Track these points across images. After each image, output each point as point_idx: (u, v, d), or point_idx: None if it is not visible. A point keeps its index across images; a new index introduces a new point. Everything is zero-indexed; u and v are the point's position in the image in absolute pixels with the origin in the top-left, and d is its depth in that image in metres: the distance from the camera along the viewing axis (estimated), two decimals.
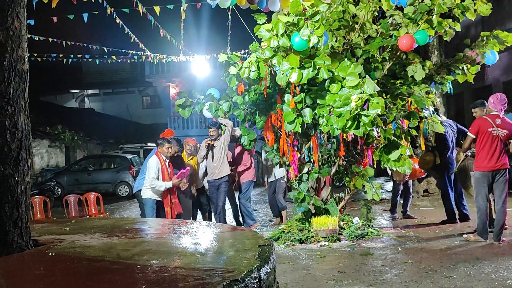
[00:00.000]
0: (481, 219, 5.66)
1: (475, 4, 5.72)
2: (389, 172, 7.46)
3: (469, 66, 6.57)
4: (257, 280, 2.16)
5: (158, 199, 6.09)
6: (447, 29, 5.90)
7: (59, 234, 3.36)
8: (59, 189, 15.48)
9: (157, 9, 8.69)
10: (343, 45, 6.24)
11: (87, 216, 8.04)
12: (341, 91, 5.33)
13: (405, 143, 6.32)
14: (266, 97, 6.39)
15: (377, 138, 6.22)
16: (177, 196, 6.25)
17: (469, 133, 5.73)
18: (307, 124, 6.02)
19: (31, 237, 2.92)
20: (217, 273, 2.18)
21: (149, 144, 18.45)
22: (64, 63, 12.58)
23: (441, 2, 5.52)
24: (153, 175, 5.94)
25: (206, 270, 2.26)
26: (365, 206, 6.88)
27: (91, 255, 2.64)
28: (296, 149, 6.60)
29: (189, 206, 7.01)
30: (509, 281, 4.17)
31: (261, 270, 2.25)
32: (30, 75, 2.93)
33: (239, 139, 7.35)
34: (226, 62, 6.16)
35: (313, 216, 6.39)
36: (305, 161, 6.71)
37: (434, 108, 6.98)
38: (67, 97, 30.20)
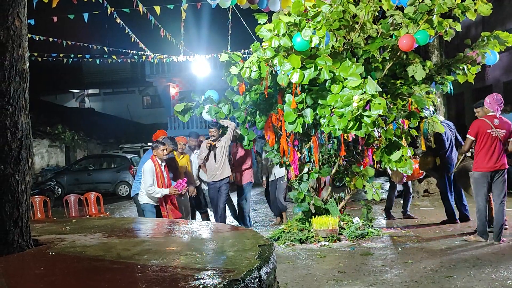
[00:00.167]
0: (480, 219, 5.67)
1: (475, 4, 5.72)
2: (389, 172, 7.45)
3: (469, 66, 6.57)
4: (257, 280, 2.16)
5: (155, 204, 5.95)
6: (447, 29, 5.90)
7: (59, 233, 3.37)
8: (59, 189, 15.48)
9: (158, 9, 8.69)
10: (343, 45, 6.24)
11: (87, 216, 8.04)
12: (342, 91, 5.33)
13: (404, 143, 6.32)
14: (267, 97, 6.39)
15: (378, 138, 6.22)
16: (176, 198, 6.11)
17: (468, 136, 5.72)
18: (308, 124, 6.02)
19: (32, 237, 2.93)
20: (217, 272, 2.18)
21: (149, 144, 18.44)
22: (64, 63, 12.59)
23: (441, 2, 5.52)
24: (150, 182, 5.78)
25: (206, 270, 2.26)
26: (365, 206, 6.88)
27: (91, 254, 2.64)
28: (296, 149, 6.60)
29: (188, 207, 6.96)
30: (509, 281, 4.17)
31: (262, 270, 2.25)
32: (30, 75, 2.93)
33: (238, 139, 7.34)
34: (227, 62, 6.15)
35: (313, 216, 6.39)
36: (306, 161, 6.71)
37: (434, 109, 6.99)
38: (67, 97, 30.21)
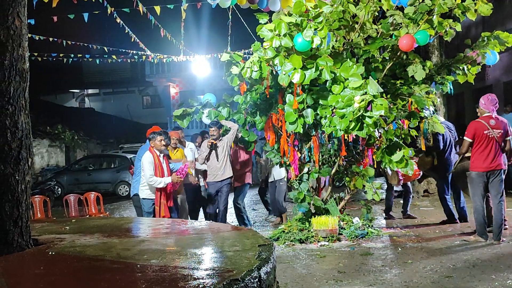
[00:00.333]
0: (478, 219, 5.68)
1: (475, 4, 5.72)
2: (389, 172, 7.44)
3: (469, 66, 6.57)
4: (257, 279, 2.16)
5: (149, 199, 5.81)
6: (447, 29, 5.90)
7: (59, 233, 3.37)
8: (59, 189, 15.47)
9: (158, 8, 8.69)
10: (343, 45, 6.24)
11: (87, 215, 8.04)
12: (343, 92, 5.33)
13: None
14: (268, 97, 6.38)
15: (378, 139, 6.22)
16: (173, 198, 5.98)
17: (465, 138, 5.73)
18: (308, 124, 6.02)
19: (31, 236, 2.93)
20: (217, 272, 2.18)
21: None
22: (64, 62, 12.58)
23: (441, 2, 5.52)
24: (150, 173, 5.65)
25: (206, 269, 2.26)
26: (365, 206, 6.88)
27: (91, 254, 2.64)
28: (296, 149, 6.60)
29: (186, 206, 6.86)
30: (509, 281, 4.17)
31: (261, 269, 2.25)
32: (30, 75, 2.93)
33: (240, 141, 7.33)
34: (227, 61, 6.15)
35: (313, 216, 6.39)
36: (305, 161, 6.71)
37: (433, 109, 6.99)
38: (67, 96, 30.19)
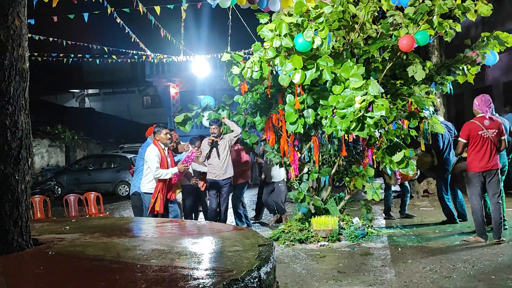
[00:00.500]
0: (477, 220, 5.70)
1: (475, 5, 5.72)
2: (389, 172, 7.44)
3: (469, 66, 6.57)
4: (257, 279, 2.17)
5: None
6: (447, 30, 5.90)
7: (59, 233, 3.37)
8: (59, 189, 15.48)
9: (158, 9, 8.69)
10: (343, 45, 6.24)
11: (87, 215, 8.04)
12: (344, 92, 5.33)
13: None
14: (269, 96, 6.38)
15: (378, 139, 6.23)
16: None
17: (460, 139, 5.78)
18: (308, 124, 6.02)
19: (31, 236, 2.93)
20: (217, 272, 2.18)
21: None
22: (64, 62, 12.57)
23: (441, 2, 5.53)
24: (156, 165, 5.53)
25: (206, 269, 2.26)
26: (365, 206, 6.88)
27: (91, 254, 2.64)
28: (296, 149, 6.60)
29: (178, 207, 6.77)
30: (509, 281, 4.17)
31: (261, 269, 2.26)
32: (30, 75, 2.93)
33: (241, 143, 7.31)
34: (228, 61, 6.15)
35: (313, 216, 6.39)
36: (305, 161, 6.71)
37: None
38: (67, 96, 30.19)
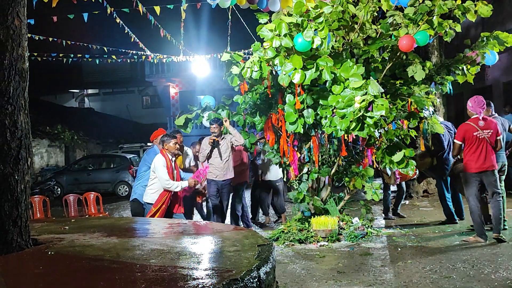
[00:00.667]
0: (476, 220, 5.72)
1: (475, 5, 5.72)
2: (389, 172, 7.44)
3: (469, 66, 6.57)
4: (256, 279, 2.17)
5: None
6: (447, 30, 5.90)
7: (58, 233, 3.36)
8: (59, 189, 15.48)
9: (157, 9, 8.69)
10: (342, 45, 6.24)
11: (87, 215, 8.03)
12: (343, 92, 5.33)
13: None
14: (270, 96, 6.37)
15: (378, 139, 6.22)
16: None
17: (455, 140, 5.85)
18: (308, 124, 6.02)
19: (31, 236, 2.92)
20: (217, 272, 2.18)
21: (149, 144, 18.42)
22: (64, 62, 12.57)
23: (441, 3, 5.53)
24: (166, 176, 5.40)
25: (205, 269, 2.26)
26: (364, 206, 6.88)
27: (90, 254, 2.64)
28: (296, 149, 6.60)
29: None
30: (509, 281, 4.17)
31: (261, 269, 2.25)
32: (30, 75, 2.93)
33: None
34: (228, 61, 6.14)
35: (312, 216, 6.40)
36: (305, 161, 6.71)
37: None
38: (67, 96, 30.20)
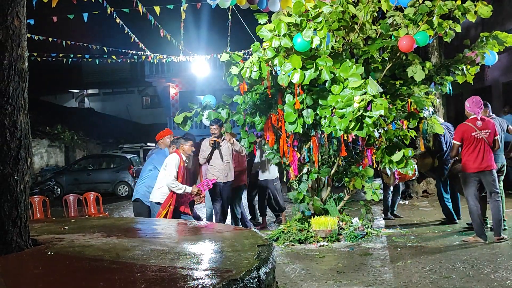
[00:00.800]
0: (475, 220, 5.73)
1: (475, 6, 5.73)
2: (388, 172, 7.44)
3: (468, 66, 6.57)
4: (256, 280, 2.17)
5: None
6: (447, 30, 5.91)
7: (58, 233, 3.36)
8: (59, 189, 15.48)
9: (157, 9, 8.69)
10: (342, 46, 6.24)
11: (87, 215, 8.03)
12: (343, 92, 5.33)
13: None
14: (270, 96, 6.37)
15: (377, 139, 6.23)
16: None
17: (453, 141, 5.88)
18: (307, 124, 6.03)
19: (30, 236, 2.92)
20: (216, 272, 2.18)
21: (149, 144, 18.44)
22: (64, 62, 12.57)
23: (441, 3, 5.53)
24: (174, 174, 5.43)
25: (205, 269, 2.26)
26: (364, 206, 6.88)
27: (90, 254, 2.64)
28: (296, 149, 6.59)
29: None
30: (508, 281, 4.17)
31: (260, 270, 2.26)
32: (30, 75, 2.93)
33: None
34: (227, 62, 6.14)
35: (312, 216, 6.40)
36: (305, 161, 6.70)
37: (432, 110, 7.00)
38: (67, 96, 30.20)
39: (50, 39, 10.72)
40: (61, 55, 12.23)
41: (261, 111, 6.63)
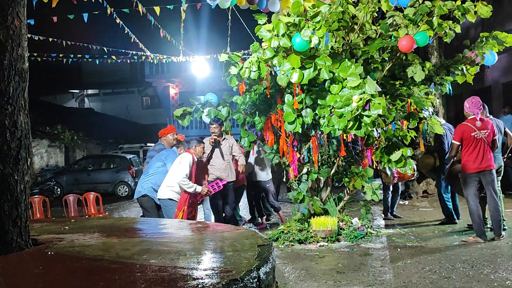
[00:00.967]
0: (475, 220, 5.74)
1: (475, 6, 5.73)
2: (388, 172, 7.45)
3: (468, 67, 6.58)
4: (256, 279, 2.17)
5: (176, 201, 5.62)
6: (447, 31, 5.91)
7: (58, 233, 3.37)
8: (59, 189, 15.49)
9: (157, 9, 8.69)
10: (342, 46, 6.25)
11: (87, 216, 8.03)
12: (341, 91, 5.34)
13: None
14: (269, 97, 6.38)
15: (377, 139, 6.23)
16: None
17: (453, 141, 5.91)
18: (307, 124, 6.03)
19: (31, 236, 2.93)
20: (216, 272, 2.18)
21: (148, 144, 18.44)
22: (64, 63, 12.57)
23: (441, 4, 5.54)
24: (186, 172, 5.48)
25: (205, 269, 2.26)
26: (364, 206, 6.88)
27: (90, 254, 2.64)
28: (295, 149, 6.59)
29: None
30: (508, 282, 4.18)
31: (260, 270, 2.26)
32: (30, 75, 2.94)
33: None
34: (226, 62, 6.15)
35: (312, 216, 6.40)
36: (305, 161, 6.70)
37: (433, 110, 7.01)
38: (67, 97, 30.19)
39: (50, 39, 10.72)
40: (61, 55, 12.23)
41: (261, 111, 6.63)
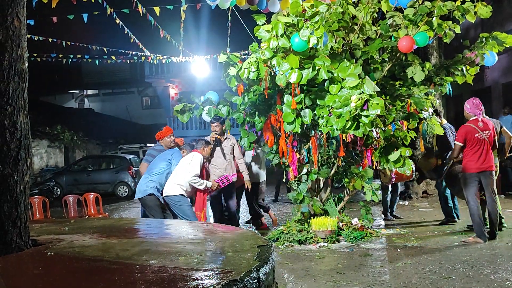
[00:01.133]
0: (475, 220, 5.75)
1: (475, 6, 5.73)
2: (389, 172, 7.45)
3: (468, 67, 6.58)
4: (256, 280, 2.17)
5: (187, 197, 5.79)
6: (447, 31, 5.91)
7: (58, 234, 3.36)
8: (58, 189, 15.48)
9: (157, 9, 8.69)
10: (342, 46, 6.25)
11: (86, 216, 8.03)
12: (340, 91, 5.34)
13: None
14: (267, 97, 6.38)
15: (376, 139, 6.23)
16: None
17: (456, 142, 5.92)
18: (307, 125, 6.03)
19: (30, 237, 2.93)
20: (216, 273, 2.18)
21: (148, 144, 18.43)
22: (63, 63, 12.57)
23: (441, 4, 5.54)
24: (198, 171, 5.66)
25: (205, 270, 2.26)
26: (364, 207, 6.88)
27: (90, 255, 2.64)
28: (295, 150, 6.59)
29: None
30: (508, 282, 4.18)
31: (260, 270, 2.26)
32: (29, 75, 2.94)
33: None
34: (225, 62, 6.15)
35: (312, 217, 6.40)
36: (304, 162, 6.70)
37: (434, 110, 6.99)
38: (66, 97, 30.20)
39: (50, 40, 10.72)
40: (61, 56, 12.23)
41: (260, 111, 6.63)
